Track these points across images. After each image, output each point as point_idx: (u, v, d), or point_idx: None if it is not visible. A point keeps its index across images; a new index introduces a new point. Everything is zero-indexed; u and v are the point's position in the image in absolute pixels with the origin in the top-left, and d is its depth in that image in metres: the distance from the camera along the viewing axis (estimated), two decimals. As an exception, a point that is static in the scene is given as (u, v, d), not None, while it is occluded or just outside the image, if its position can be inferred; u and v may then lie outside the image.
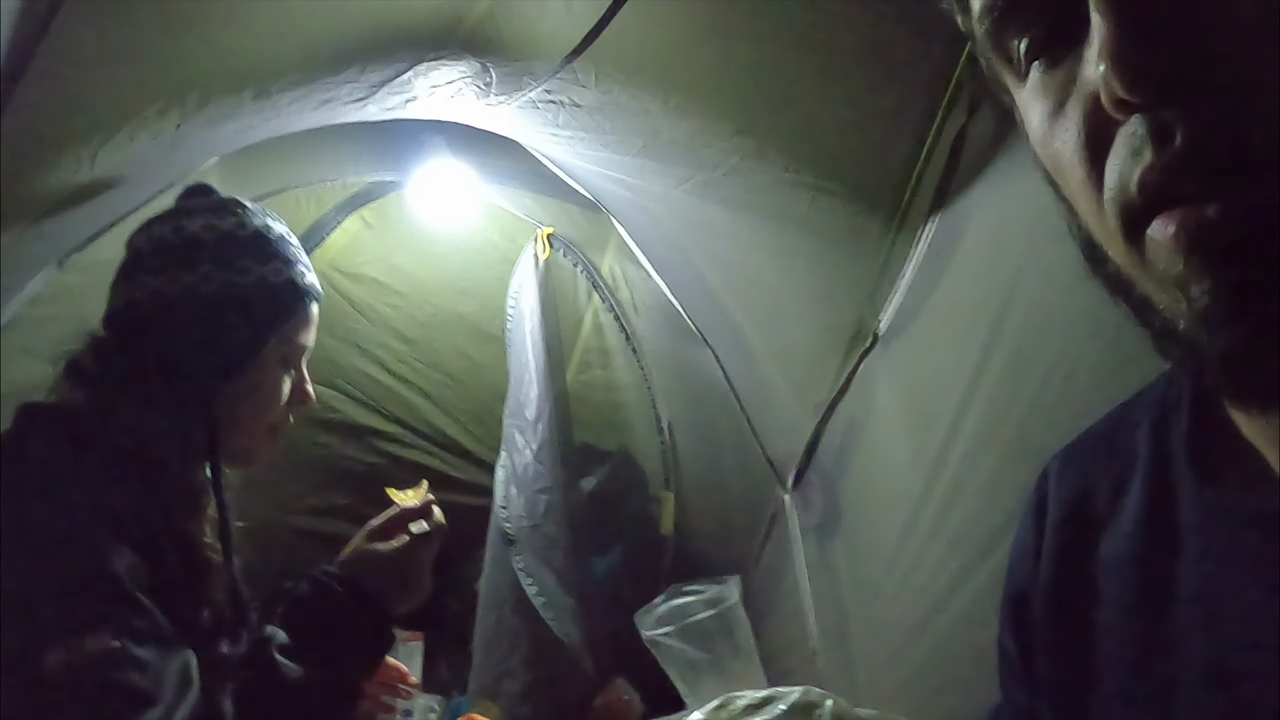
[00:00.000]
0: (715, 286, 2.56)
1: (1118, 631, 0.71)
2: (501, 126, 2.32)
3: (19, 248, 1.73)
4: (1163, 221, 0.49)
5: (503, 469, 3.21)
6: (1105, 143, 0.52)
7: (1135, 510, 0.71)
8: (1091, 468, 0.78)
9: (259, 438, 1.59)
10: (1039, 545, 0.80)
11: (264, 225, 1.55)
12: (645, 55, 1.78)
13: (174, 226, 1.51)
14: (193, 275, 1.47)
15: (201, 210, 1.53)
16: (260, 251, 1.52)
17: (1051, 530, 0.79)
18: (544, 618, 2.99)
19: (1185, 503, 0.67)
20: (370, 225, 3.61)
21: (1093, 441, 0.81)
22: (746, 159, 1.91)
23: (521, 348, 3.30)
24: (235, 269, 1.49)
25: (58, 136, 1.47)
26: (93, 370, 1.44)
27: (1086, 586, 0.74)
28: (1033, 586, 0.80)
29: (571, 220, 3.40)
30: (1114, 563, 0.72)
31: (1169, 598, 0.66)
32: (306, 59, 1.63)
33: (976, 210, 1.74)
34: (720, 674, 2.49)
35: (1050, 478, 0.82)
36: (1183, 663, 0.64)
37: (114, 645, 1.17)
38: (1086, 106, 0.53)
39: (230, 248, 1.50)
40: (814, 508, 2.46)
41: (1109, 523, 0.74)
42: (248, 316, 1.49)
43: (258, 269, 1.50)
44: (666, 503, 3.47)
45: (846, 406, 2.25)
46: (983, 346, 1.71)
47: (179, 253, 1.48)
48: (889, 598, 2.07)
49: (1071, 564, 0.76)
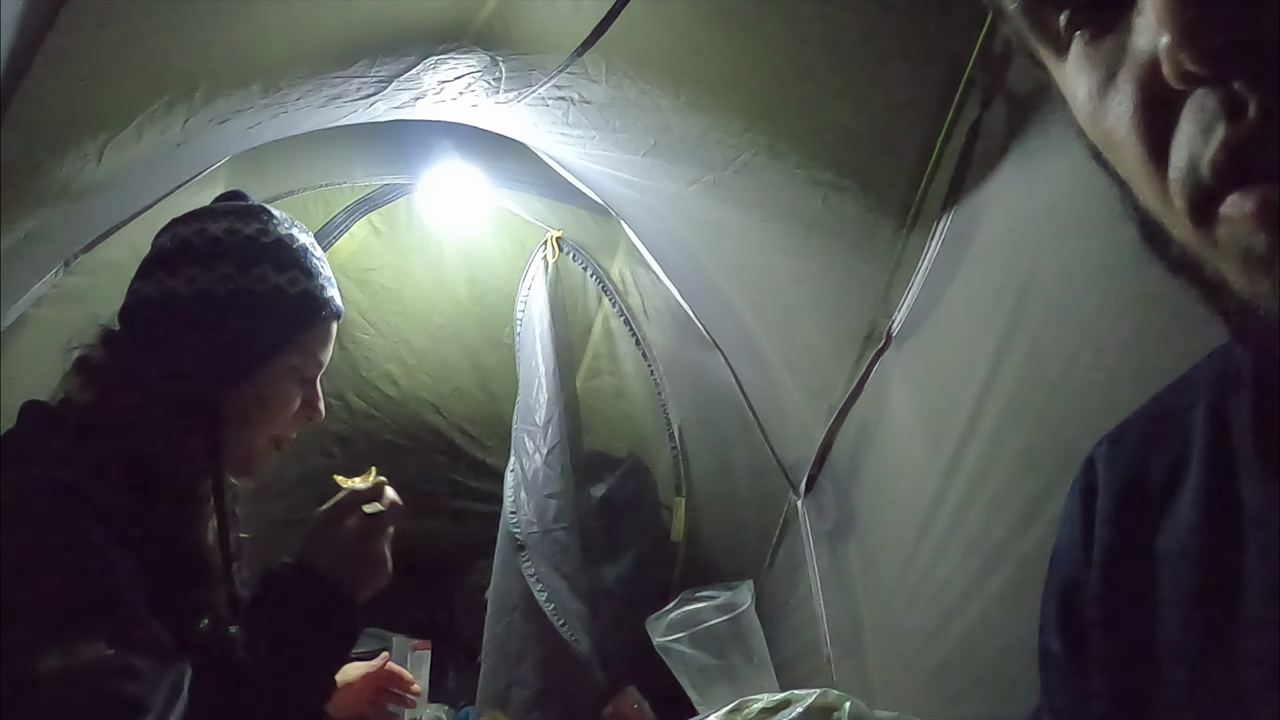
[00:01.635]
0: (726, 289, 2.54)
1: (1179, 627, 0.67)
2: (510, 128, 2.31)
3: (25, 247, 1.71)
4: (1241, 198, 0.45)
5: (512, 474, 3.19)
6: (1167, 117, 0.48)
7: (1194, 498, 0.67)
8: (1144, 451, 0.74)
9: (260, 448, 1.56)
10: (1088, 535, 0.76)
11: (288, 235, 1.53)
12: (656, 50, 1.77)
13: (198, 228, 1.49)
14: (209, 276, 1.45)
15: (227, 213, 1.52)
16: (280, 260, 1.50)
17: (1102, 519, 0.75)
18: (554, 624, 2.97)
19: (1249, 492, 0.63)
20: (379, 231, 3.60)
21: (1143, 424, 0.77)
22: (758, 155, 1.89)
23: (531, 352, 3.29)
24: (252, 275, 1.47)
25: (64, 130, 1.46)
26: (100, 366, 1.43)
27: (1143, 578, 0.70)
28: (1082, 579, 0.76)
29: (581, 224, 3.39)
30: (1173, 554, 0.69)
31: (1234, 592, 0.62)
32: (315, 52, 1.62)
33: (991, 205, 1.72)
34: (732, 681, 2.47)
35: (1098, 463, 0.78)
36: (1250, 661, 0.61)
37: (109, 654, 1.15)
38: (1142, 78, 0.48)
39: (249, 253, 1.48)
40: (827, 512, 2.43)
41: (1166, 510, 0.70)
42: (259, 323, 1.47)
43: (275, 277, 1.48)
44: (678, 509, 3.44)
45: (860, 409, 2.22)
46: (998, 343, 1.68)
47: (198, 253, 1.47)
48: (904, 602, 2.05)
49: (1126, 554, 0.72)
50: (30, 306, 2.17)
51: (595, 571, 3.14)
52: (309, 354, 1.55)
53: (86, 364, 1.43)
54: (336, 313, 1.58)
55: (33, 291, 2.12)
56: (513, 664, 2.99)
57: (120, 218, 2.03)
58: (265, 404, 1.52)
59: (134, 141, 1.54)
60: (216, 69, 1.53)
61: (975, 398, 1.75)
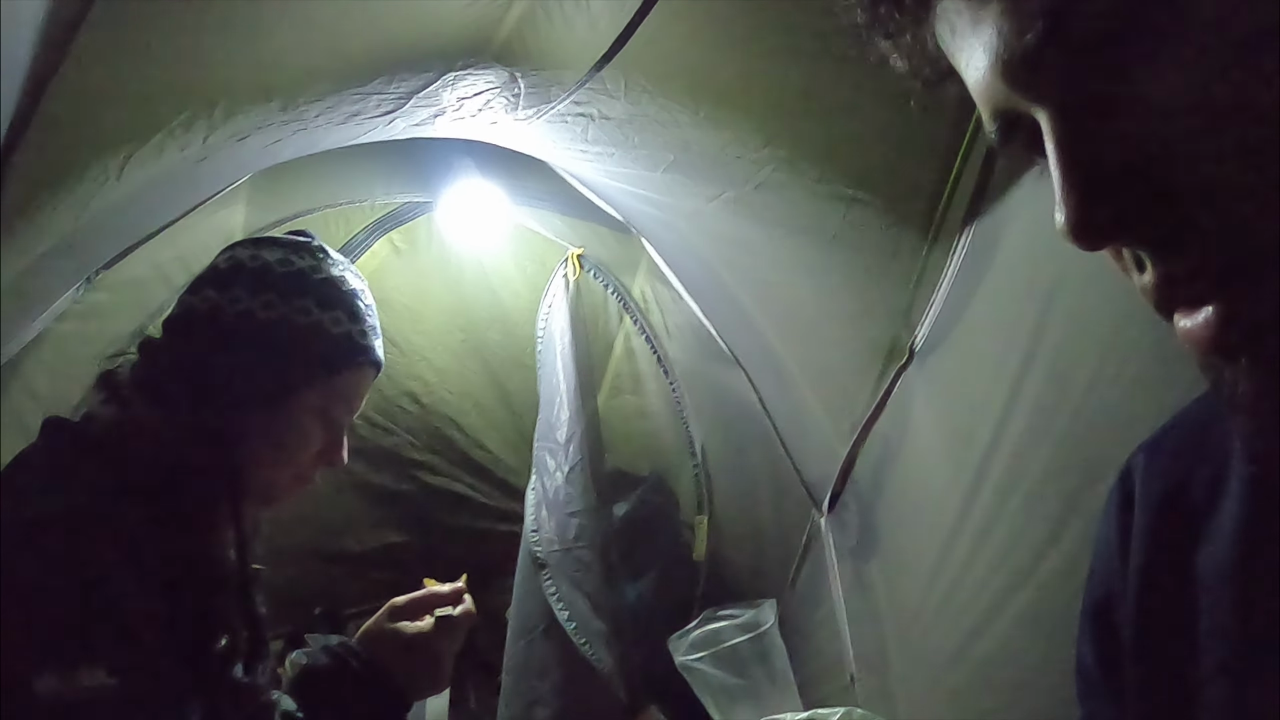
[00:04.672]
0: (747, 306, 2.53)
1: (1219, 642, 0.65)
2: (529, 145, 2.31)
3: (47, 263, 1.72)
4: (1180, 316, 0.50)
5: (533, 492, 3.18)
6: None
7: (1235, 511, 0.66)
8: (1183, 460, 0.72)
9: (279, 481, 1.54)
10: (1125, 546, 0.74)
11: (340, 276, 1.52)
12: (674, 65, 1.76)
13: (254, 253, 1.49)
14: (253, 300, 1.44)
15: (285, 245, 1.51)
16: (326, 297, 1.49)
17: (1140, 529, 0.73)
18: (575, 643, 2.95)
19: None
20: (400, 250, 3.61)
21: (1182, 431, 0.75)
22: (779, 170, 1.88)
23: (552, 369, 3.29)
24: (295, 305, 1.45)
25: (85, 147, 1.47)
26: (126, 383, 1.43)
27: (1183, 590, 0.68)
28: (1119, 591, 0.75)
29: (602, 242, 3.39)
30: (1213, 568, 0.67)
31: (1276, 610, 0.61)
32: (334, 69, 1.62)
33: (1014, 216, 1.70)
34: (756, 700, 2.45)
35: (1136, 472, 0.76)
36: None
37: (109, 683, 1.14)
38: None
39: (297, 285, 1.47)
40: (850, 530, 2.41)
41: (1206, 521, 0.68)
42: (293, 354, 1.45)
43: (318, 313, 1.47)
44: (700, 527, 3.43)
45: (882, 425, 2.21)
46: (1022, 357, 1.66)
47: (248, 276, 1.46)
48: (928, 620, 2.03)
49: (1165, 565, 0.71)
50: (52, 322, 2.18)
51: (617, 590, 3.13)
52: (338, 397, 1.52)
53: (111, 380, 1.43)
54: (375, 363, 1.55)
55: (55, 307, 2.13)
56: (534, 683, 2.98)
57: (141, 234, 2.04)
58: (285, 437, 1.49)
59: (155, 158, 1.55)
60: (236, 85, 1.53)
61: (999, 413, 1.73)
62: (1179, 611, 0.68)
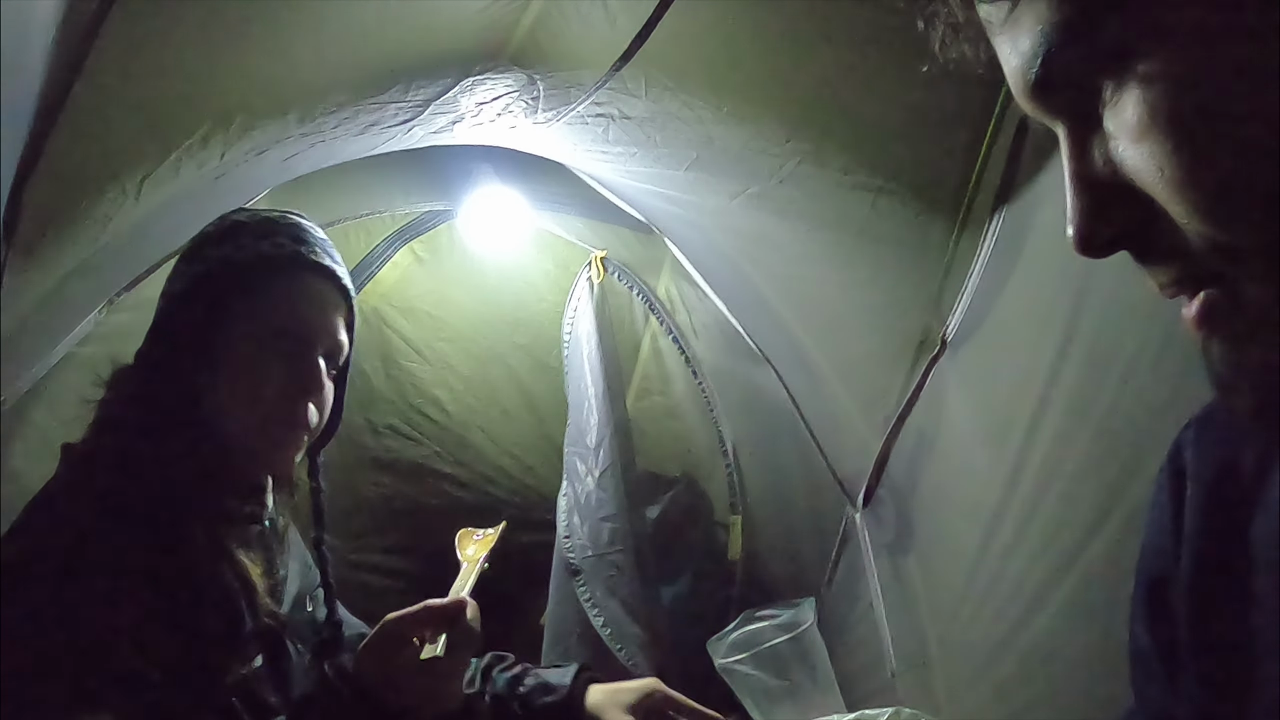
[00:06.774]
0: (774, 302, 2.51)
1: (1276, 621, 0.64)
2: (549, 149, 2.29)
3: (67, 286, 1.72)
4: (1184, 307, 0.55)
5: (565, 498, 3.17)
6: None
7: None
8: (1234, 434, 0.72)
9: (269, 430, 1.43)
10: (1179, 523, 0.74)
11: (280, 215, 1.49)
12: (695, 61, 1.74)
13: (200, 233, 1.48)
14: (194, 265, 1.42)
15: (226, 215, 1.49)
16: (263, 230, 1.45)
17: (1193, 506, 0.73)
18: (611, 649, 2.93)
19: None
20: (421, 259, 3.60)
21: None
22: (803, 164, 1.86)
23: (580, 374, 3.27)
24: (229, 246, 1.41)
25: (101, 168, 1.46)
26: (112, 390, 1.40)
27: (1238, 566, 0.67)
28: (1172, 570, 0.74)
29: (624, 243, 3.38)
30: (1268, 540, 0.66)
31: None
32: (350, 79, 1.61)
33: (1044, 200, 1.67)
34: (797, 701, 2.42)
35: (1187, 447, 0.76)
36: None
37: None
38: None
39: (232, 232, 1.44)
40: (886, 525, 2.39)
41: (1259, 495, 0.67)
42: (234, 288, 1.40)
43: (256, 244, 1.42)
44: (734, 527, 3.41)
45: (916, 418, 2.18)
46: (1058, 343, 1.63)
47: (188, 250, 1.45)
48: (969, 615, 1.99)
49: (1219, 541, 0.70)
50: (75, 345, 2.17)
51: (652, 594, 3.11)
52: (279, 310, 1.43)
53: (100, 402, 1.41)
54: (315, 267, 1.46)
55: (77, 330, 2.13)
56: (571, 690, 2.96)
57: (162, 254, 2.03)
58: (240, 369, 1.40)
59: (172, 177, 1.54)
60: (252, 100, 1.52)
61: (1036, 401, 1.70)
62: (1236, 584, 0.68)
